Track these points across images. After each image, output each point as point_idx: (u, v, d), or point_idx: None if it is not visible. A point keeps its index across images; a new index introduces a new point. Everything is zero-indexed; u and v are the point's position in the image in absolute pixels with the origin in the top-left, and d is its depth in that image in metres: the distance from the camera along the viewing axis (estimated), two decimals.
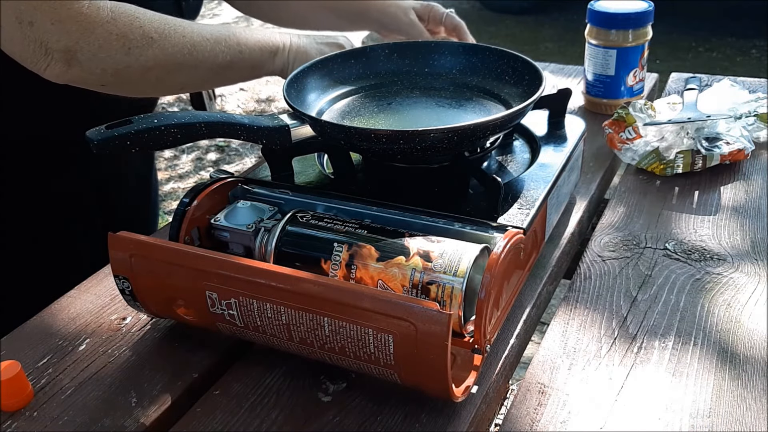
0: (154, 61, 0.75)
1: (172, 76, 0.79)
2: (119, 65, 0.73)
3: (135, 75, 0.75)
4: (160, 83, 0.79)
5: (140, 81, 0.77)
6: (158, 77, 0.78)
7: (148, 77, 0.77)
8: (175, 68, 0.78)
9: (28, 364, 0.64)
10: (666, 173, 0.90)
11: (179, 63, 0.77)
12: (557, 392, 0.59)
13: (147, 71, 0.76)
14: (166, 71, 0.77)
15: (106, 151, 0.62)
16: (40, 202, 0.91)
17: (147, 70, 0.76)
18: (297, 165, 0.76)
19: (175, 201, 2.86)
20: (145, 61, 0.75)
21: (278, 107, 3.78)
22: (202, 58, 0.79)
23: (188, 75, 0.80)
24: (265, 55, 0.85)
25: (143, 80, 0.77)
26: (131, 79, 0.76)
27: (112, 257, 0.62)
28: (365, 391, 0.59)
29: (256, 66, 0.85)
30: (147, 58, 0.75)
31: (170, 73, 0.78)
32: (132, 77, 0.76)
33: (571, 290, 0.71)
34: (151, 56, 0.75)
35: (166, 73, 0.78)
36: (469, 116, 0.78)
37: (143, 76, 0.76)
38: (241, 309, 0.58)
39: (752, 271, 0.72)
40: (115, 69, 0.74)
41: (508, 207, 0.65)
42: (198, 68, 0.79)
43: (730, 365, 0.61)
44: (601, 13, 1.03)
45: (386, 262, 0.59)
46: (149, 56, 0.75)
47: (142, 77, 0.76)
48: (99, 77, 0.74)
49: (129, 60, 0.74)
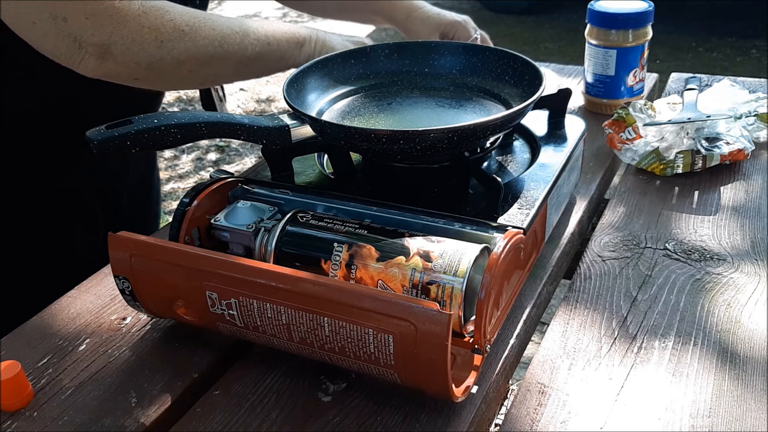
0: (186, 54, 0.76)
1: (203, 68, 0.79)
2: (152, 58, 0.74)
3: (167, 68, 0.76)
4: (192, 76, 0.80)
5: (173, 74, 0.78)
6: (191, 70, 0.78)
7: (180, 70, 0.78)
8: (206, 61, 0.79)
9: (28, 364, 0.64)
10: (666, 173, 0.90)
11: (211, 55, 0.78)
12: (557, 392, 0.59)
13: (179, 64, 0.77)
14: (198, 64, 0.78)
15: (106, 151, 0.62)
16: (41, 202, 0.91)
17: (179, 63, 0.77)
18: (297, 165, 0.76)
19: (175, 201, 2.86)
20: (177, 54, 0.76)
21: (278, 107, 3.78)
22: (232, 50, 0.80)
23: (220, 67, 0.81)
24: (292, 46, 0.86)
25: (175, 73, 0.78)
26: (164, 71, 0.77)
27: (112, 257, 0.62)
28: (365, 391, 0.59)
29: (283, 57, 0.86)
30: (179, 51, 0.76)
31: (202, 65, 0.79)
32: (164, 70, 0.77)
33: (571, 290, 0.71)
34: (183, 49, 0.76)
35: (198, 65, 0.78)
36: (469, 116, 0.78)
37: (176, 69, 0.77)
38: (241, 309, 0.58)
39: (752, 271, 0.72)
40: (148, 62, 0.74)
41: (508, 207, 0.65)
42: (229, 60, 0.80)
43: (730, 365, 0.61)
44: (601, 13, 1.03)
45: (386, 262, 0.59)
46: (181, 49, 0.76)
47: (175, 70, 0.77)
48: (132, 71, 0.75)
49: (162, 53, 0.75)
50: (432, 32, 1.04)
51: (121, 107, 0.81)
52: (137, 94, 0.85)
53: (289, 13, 5.33)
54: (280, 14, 5.33)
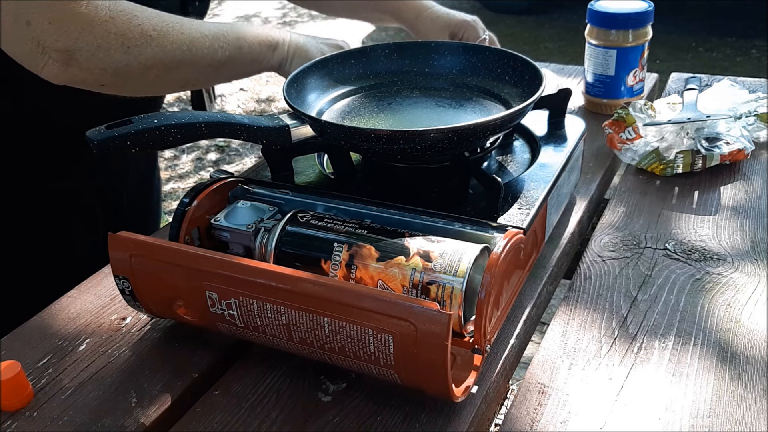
0: (153, 59, 0.75)
1: (171, 73, 0.78)
2: (118, 64, 0.73)
3: (134, 73, 0.75)
4: (160, 81, 0.79)
5: (140, 80, 0.77)
6: (158, 75, 0.77)
7: (147, 76, 0.76)
8: (174, 66, 0.77)
9: (28, 364, 0.64)
10: (666, 173, 0.90)
11: (179, 60, 0.77)
12: (557, 392, 0.59)
13: (147, 69, 0.75)
14: (166, 69, 0.77)
15: (106, 151, 0.62)
16: (41, 201, 0.91)
17: (146, 69, 0.75)
18: (297, 165, 0.76)
19: (175, 201, 2.86)
20: (144, 60, 0.74)
21: (278, 107, 3.78)
22: (201, 54, 0.79)
23: (188, 72, 0.80)
24: (264, 49, 0.85)
25: (143, 79, 0.77)
26: (131, 77, 0.76)
27: (112, 257, 0.62)
28: (365, 391, 0.59)
29: (255, 60, 0.85)
30: (146, 57, 0.74)
31: (170, 70, 0.78)
32: (131, 76, 0.75)
33: (571, 290, 0.71)
34: (150, 54, 0.74)
35: (166, 70, 0.77)
36: (469, 116, 0.78)
37: (143, 75, 0.76)
38: (241, 309, 0.58)
39: (752, 271, 0.72)
40: (114, 68, 0.73)
41: (508, 207, 0.65)
42: (198, 65, 0.79)
43: (730, 365, 0.61)
44: (601, 13, 1.03)
45: (386, 262, 0.59)
46: (148, 54, 0.74)
47: (142, 76, 0.76)
48: (98, 77, 0.74)
49: (128, 59, 0.73)
50: (441, 32, 1.03)
51: (121, 107, 0.81)
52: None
53: (289, 13, 5.33)
54: (279, 14, 5.33)
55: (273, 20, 5.20)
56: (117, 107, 0.80)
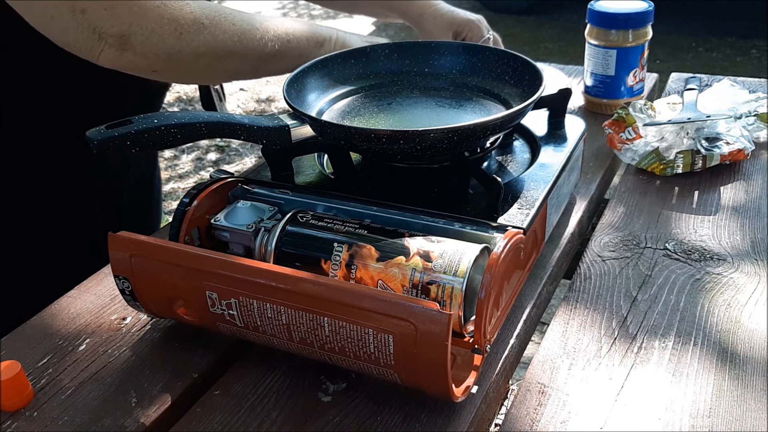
0: (205, 47, 0.76)
1: (222, 63, 0.79)
2: (171, 50, 0.74)
3: (186, 60, 0.76)
4: (210, 70, 0.80)
5: (191, 67, 0.78)
6: (209, 64, 0.78)
7: (198, 63, 0.78)
8: (225, 55, 0.79)
9: (28, 364, 0.64)
10: (666, 173, 0.90)
11: (230, 50, 0.78)
12: (557, 392, 0.59)
13: (198, 57, 0.77)
14: (217, 58, 0.78)
15: (107, 151, 0.62)
16: (41, 202, 0.91)
17: (198, 56, 0.76)
18: (297, 165, 0.76)
19: (175, 201, 2.86)
20: (196, 47, 0.76)
21: (278, 107, 3.78)
22: (252, 46, 0.80)
23: (238, 63, 0.81)
24: (311, 45, 0.86)
25: (194, 66, 0.78)
26: (182, 64, 0.77)
27: (112, 257, 0.62)
28: (365, 391, 0.59)
29: (302, 55, 0.86)
30: (198, 44, 0.76)
31: (220, 60, 0.79)
32: (183, 62, 0.76)
33: (571, 290, 0.71)
34: (202, 42, 0.76)
35: (217, 60, 0.78)
36: (469, 116, 0.78)
37: (194, 62, 0.77)
38: (241, 309, 0.58)
39: (752, 271, 0.72)
40: (167, 53, 0.74)
41: (508, 207, 0.65)
42: (247, 56, 0.80)
43: (730, 365, 0.61)
44: (601, 13, 1.03)
45: (386, 262, 0.59)
46: (200, 42, 0.76)
47: (193, 63, 0.77)
48: (152, 62, 0.75)
49: (181, 45, 0.75)
50: (445, 30, 1.04)
51: (122, 107, 0.81)
52: (140, 94, 0.85)
53: (290, 13, 5.33)
54: (279, 14, 5.33)
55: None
56: (123, 110, 0.80)
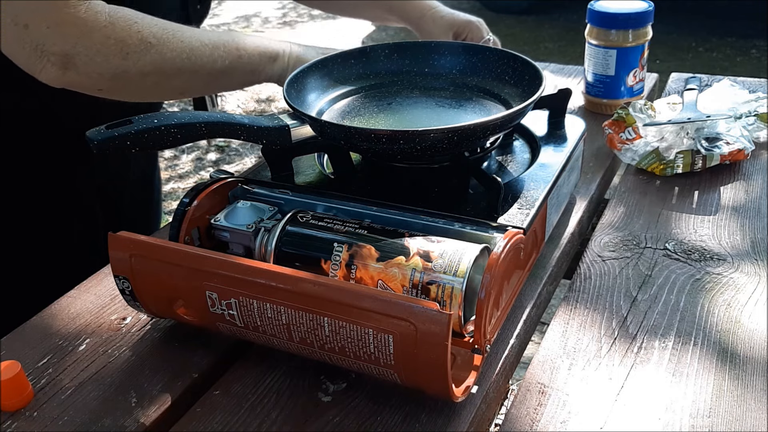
0: (151, 66, 0.75)
1: (170, 81, 0.78)
2: (116, 70, 0.73)
3: (132, 80, 0.75)
4: (158, 88, 0.79)
5: (138, 86, 0.77)
6: (156, 82, 0.77)
7: (145, 82, 0.76)
8: (173, 73, 0.77)
9: (28, 364, 0.64)
10: (666, 173, 0.90)
11: (178, 68, 0.77)
12: (557, 392, 0.59)
13: (144, 76, 0.75)
14: (165, 76, 0.77)
15: (107, 151, 0.62)
16: (42, 201, 0.91)
17: (144, 75, 0.75)
18: (297, 165, 0.76)
19: (175, 201, 2.86)
20: (142, 66, 0.74)
21: (278, 107, 3.78)
22: (200, 63, 0.78)
23: (187, 80, 0.80)
24: (264, 60, 0.85)
25: (141, 85, 0.77)
26: (129, 83, 0.76)
27: (112, 257, 0.62)
28: (365, 391, 0.59)
29: (255, 71, 0.84)
30: (144, 63, 0.74)
31: (168, 78, 0.78)
32: (129, 82, 0.75)
33: (571, 290, 0.71)
34: (148, 61, 0.74)
35: (165, 78, 0.77)
36: (469, 116, 0.78)
37: (141, 81, 0.76)
38: (241, 309, 0.58)
39: (752, 271, 0.72)
40: (112, 73, 0.73)
41: (508, 207, 0.65)
42: (197, 73, 0.79)
43: (730, 365, 0.61)
44: (601, 13, 1.03)
45: (386, 262, 0.59)
46: (147, 61, 0.74)
47: (140, 82, 0.76)
48: (96, 81, 0.74)
49: (126, 65, 0.73)
50: (445, 32, 1.04)
51: (122, 107, 0.81)
52: None
53: (289, 13, 5.33)
54: (279, 14, 5.33)
55: (273, 20, 5.19)
56: (123, 109, 0.80)
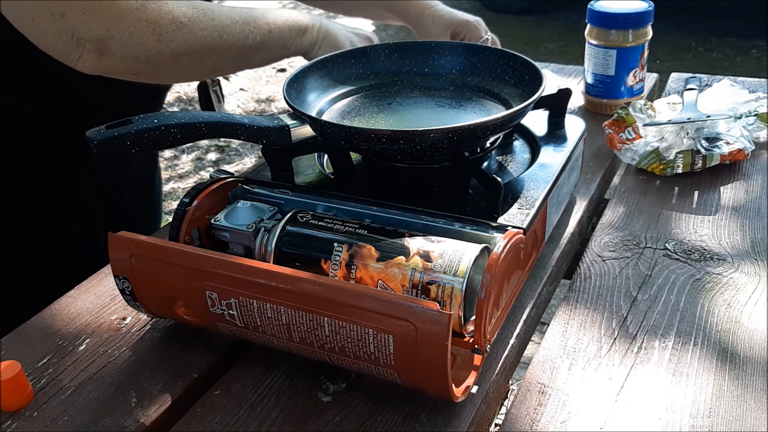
0: (184, 46, 0.76)
1: (203, 60, 0.79)
2: (151, 52, 0.74)
3: (167, 61, 0.76)
4: (192, 68, 0.80)
5: (172, 67, 0.78)
6: (190, 62, 0.78)
7: (179, 62, 0.77)
8: (206, 52, 0.78)
9: (28, 364, 0.64)
10: (666, 173, 0.90)
11: (210, 47, 0.78)
12: (557, 392, 0.59)
13: (178, 57, 0.76)
14: (198, 56, 0.78)
15: (107, 151, 0.62)
16: (42, 201, 0.91)
17: (178, 56, 0.76)
18: (297, 165, 0.76)
19: (175, 201, 2.86)
20: (176, 47, 0.75)
21: (278, 107, 3.78)
22: (232, 40, 0.80)
23: (219, 58, 0.81)
24: (294, 34, 0.86)
25: (175, 66, 0.78)
26: (163, 65, 0.77)
27: (112, 257, 0.62)
28: (365, 391, 0.59)
29: (285, 45, 0.85)
30: (178, 44, 0.75)
31: (202, 57, 0.79)
32: (164, 63, 0.76)
33: (571, 290, 0.71)
34: (181, 41, 0.75)
35: (198, 57, 0.78)
36: (469, 116, 0.78)
37: (175, 62, 0.77)
38: (241, 309, 0.58)
39: (752, 271, 0.72)
40: (147, 56, 0.74)
41: (508, 207, 0.65)
42: (229, 51, 0.80)
43: (730, 365, 0.61)
44: (601, 13, 1.03)
45: (386, 262, 0.59)
46: (180, 41, 0.75)
47: (174, 63, 0.77)
48: (131, 65, 0.75)
49: (160, 46, 0.74)
50: (443, 31, 1.04)
51: (122, 107, 0.81)
52: (142, 93, 0.84)
53: (287, 6, 5.32)
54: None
55: (274, 8, 5.19)
56: (123, 109, 0.80)
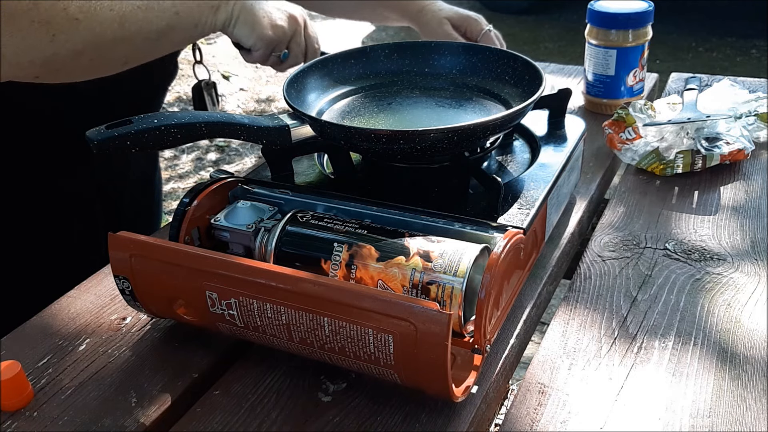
0: (82, 44, 0.70)
1: (107, 54, 0.74)
2: (46, 54, 0.68)
3: (66, 61, 0.71)
4: (96, 65, 0.75)
5: (73, 67, 0.73)
6: (92, 59, 0.73)
7: (80, 61, 0.72)
8: (108, 46, 0.73)
9: (28, 364, 0.64)
10: (666, 173, 0.90)
11: (111, 40, 0.72)
12: (557, 392, 0.59)
13: (78, 55, 0.71)
14: (99, 51, 0.72)
15: (107, 151, 0.62)
16: (42, 201, 0.91)
17: (77, 54, 0.71)
18: (297, 165, 0.76)
19: (175, 201, 2.86)
20: (72, 46, 0.70)
21: (278, 107, 3.78)
22: (135, 29, 0.73)
23: (125, 50, 0.74)
24: (205, 10, 0.79)
25: (76, 65, 0.73)
26: (63, 66, 0.72)
27: (112, 257, 0.62)
28: (365, 391, 0.59)
29: (197, 24, 0.79)
30: (74, 42, 0.70)
31: (104, 52, 0.73)
32: (63, 64, 0.71)
33: (571, 290, 0.71)
34: (79, 39, 0.70)
35: (100, 53, 0.73)
36: (469, 116, 0.78)
37: (75, 61, 0.72)
38: (241, 309, 0.58)
39: (752, 271, 0.72)
40: (42, 59, 0.69)
41: (508, 207, 0.65)
42: (134, 40, 0.74)
43: (730, 365, 0.61)
44: (601, 13, 1.03)
45: (386, 262, 0.59)
46: (77, 40, 0.70)
47: (74, 62, 0.72)
48: (28, 71, 0.70)
49: (55, 47, 0.68)
50: (443, 22, 1.04)
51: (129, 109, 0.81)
52: (141, 94, 0.84)
53: None
54: None
55: None
56: (122, 109, 0.79)
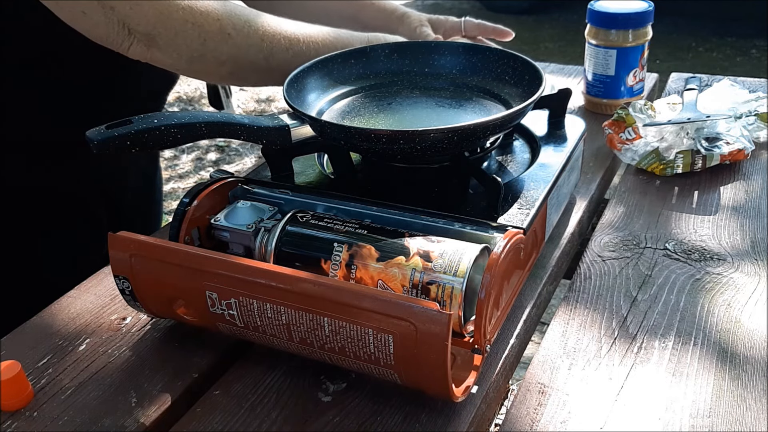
0: (227, 57, 0.77)
1: (245, 73, 0.80)
2: (194, 53, 0.75)
3: (208, 65, 0.77)
4: (233, 77, 0.81)
5: (213, 71, 0.79)
6: (231, 72, 0.79)
7: (220, 70, 0.78)
8: (249, 68, 0.79)
9: (28, 364, 0.64)
10: (666, 173, 0.90)
11: (253, 64, 0.79)
12: (557, 392, 0.59)
13: (220, 65, 0.77)
14: (239, 69, 0.79)
15: (107, 151, 0.62)
16: (43, 201, 0.91)
17: (221, 64, 0.77)
18: (297, 165, 0.76)
19: (175, 201, 2.86)
20: (219, 55, 0.76)
21: (278, 107, 3.78)
22: (276, 64, 0.80)
23: (261, 77, 0.82)
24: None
25: (216, 71, 0.79)
26: (205, 68, 0.78)
27: (112, 257, 0.62)
28: (365, 391, 0.59)
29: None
30: (221, 53, 0.76)
31: (243, 70, 0.79)
32: (205, 66, 0.77)
33: (571, 290, 0.71)
34: (225, 51, 0.76)
35: (239, 70, 0.79)
36: (469, 116, 0.78)
37: (216, 68, 0.78)
38: (241, 309, 0.58)
39: (752, 271, 0.72)
40: (189, 56, 0.75)
41: (508, 207, 0.65)
42: (272, 73, 0.81)
43: (730, 365, 0.61)
44: (601, 13, 1.03)
45: (386, 262, 0.59)
46: (224, 51, 0.76)
47: (216, 69, 0.78)
48: (175, 61, 0.76)
49: (203, 50, 0.75)
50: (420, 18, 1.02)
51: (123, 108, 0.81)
52: (141, 94, 0.84)
53: None
54: None
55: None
56: (122, 106, 0.80)
